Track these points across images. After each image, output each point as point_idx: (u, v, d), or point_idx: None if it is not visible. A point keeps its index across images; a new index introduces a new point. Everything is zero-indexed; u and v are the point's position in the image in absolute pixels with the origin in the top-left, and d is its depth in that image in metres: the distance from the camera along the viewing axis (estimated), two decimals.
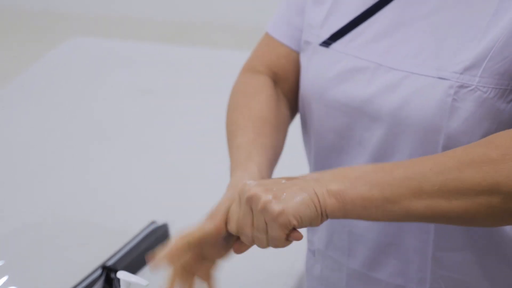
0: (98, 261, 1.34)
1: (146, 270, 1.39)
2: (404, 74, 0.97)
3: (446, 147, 0.95)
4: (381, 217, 0.89)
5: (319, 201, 0.88)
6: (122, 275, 1.06)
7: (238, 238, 0.95)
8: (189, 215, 1.66)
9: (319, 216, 0.88)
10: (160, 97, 2.14)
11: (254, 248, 1.49)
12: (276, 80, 1.14)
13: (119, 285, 1.13)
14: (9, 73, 3.45)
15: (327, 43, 1.04)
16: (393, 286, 1.07)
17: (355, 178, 0.88)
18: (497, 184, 0.84)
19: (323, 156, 1.09)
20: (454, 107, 0.94)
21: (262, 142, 1.04)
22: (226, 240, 0.95)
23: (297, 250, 1.35)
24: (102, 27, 4.53)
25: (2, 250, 1.44)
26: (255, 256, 1.47)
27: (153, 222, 1.47)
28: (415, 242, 1.03)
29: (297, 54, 1.12)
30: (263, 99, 1.10)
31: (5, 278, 1.35)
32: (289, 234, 0.90)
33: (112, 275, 1.27)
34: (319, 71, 1.05)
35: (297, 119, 1.18)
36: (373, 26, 1.01)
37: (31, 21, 4.68)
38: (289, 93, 1.14)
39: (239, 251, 0.96)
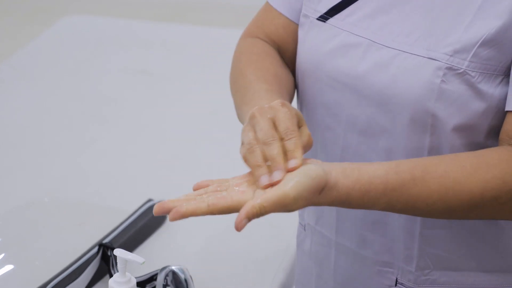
0: (95, 239, 1.35)
1: (142, 248, 1.39)
2: (395, 52, 0.97)
3: (434, 127, 0.96)
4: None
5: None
6: (118, 252, 1.07)
7: None
8: (185, 193, 1.67)
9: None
10: (156, 77, 2.13)
11: (252, 226, 1.49)
12: (277, 49, 1.13)
13: (116, 263, 1.14)
14: (3, 53, 3.43)
15: (324, 17, 1.04)
16: (380, 263, 1.08)
17: (360, 196, 0.88)
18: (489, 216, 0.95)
19: (311, 132, 1.09)
20: (441, 88, 0.94)
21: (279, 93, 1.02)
22: None
23: (293, 228, 1.35)
24: (98, 5, 4.50)
25: None
26: (252, 234, 1.48)
27: (149, 200, 1.47)
28: (402, 220, 1.04)
29: (296, 26, 1.11)
30: (275, 61, 1.09)
31: (1, 256, 1.35)
32: None
33: (109, 253, 1.28)
34: (314, 46, 1.05)
35: None
36: (370, 2, 1.01)
37: (25, 0, 4.65)
38: (289, 64, 1.13)
39: None
